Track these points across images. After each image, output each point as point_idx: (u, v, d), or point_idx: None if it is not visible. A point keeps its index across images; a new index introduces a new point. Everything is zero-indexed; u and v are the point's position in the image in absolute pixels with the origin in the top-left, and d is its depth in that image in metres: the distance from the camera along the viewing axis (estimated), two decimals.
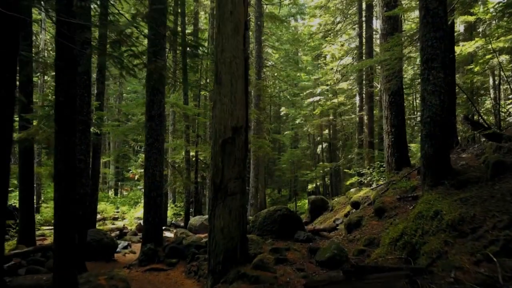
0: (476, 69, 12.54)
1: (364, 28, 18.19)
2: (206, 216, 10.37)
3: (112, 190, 32.72)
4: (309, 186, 31.02)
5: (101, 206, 24.20)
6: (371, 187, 9.25)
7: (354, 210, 8.69)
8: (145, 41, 8.76)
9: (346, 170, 19.34)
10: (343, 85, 22.47)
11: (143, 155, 11.21)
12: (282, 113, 35.11)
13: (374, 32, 18.30)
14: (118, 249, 12.46)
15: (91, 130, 7.71)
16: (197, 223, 13.25)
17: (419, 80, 18.22)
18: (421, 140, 4.28)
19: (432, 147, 4.11)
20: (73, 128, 4.93)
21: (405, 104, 11.47)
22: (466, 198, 3.46)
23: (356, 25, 19.16)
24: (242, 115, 4.44)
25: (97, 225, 19.83)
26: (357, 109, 18.67)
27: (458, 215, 3.16)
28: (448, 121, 4.18)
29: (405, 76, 14.36)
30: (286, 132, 33.41)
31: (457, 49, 10.39)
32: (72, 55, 4.40)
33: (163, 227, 17.57)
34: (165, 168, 13.58)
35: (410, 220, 3.67)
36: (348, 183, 15.77)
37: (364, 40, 18.05)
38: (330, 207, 10.70)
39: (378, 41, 20.61)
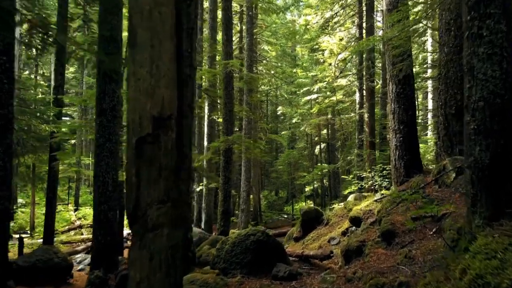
0: None
1: (364, 18, 16.63)
2: None
3: None
4: (307, 188, 29.43)
5: (82, 211, 22.60)
6: (375, 199, 7.51)
7: (354, 227, 6.95)
8: None
9: (344, 176, 17.64)
10: (342, 81, 20.95)
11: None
12: (279, 112, 33.48)
13: (375, 23, 16.76)
14: (82, 266, 11.05)
15: (15, 127, 6.02)
16: None
17: (421, 77, 16.16)
18: (466, 139, 2.56)
19: (488, 151, 2.38)
20: None
21: None
22: None
23: (356, 15, 17.57)
24: (171, 98, 2.59)
25: (72, 234, 18.27)
26: (357, 106, 17.05)
27: None
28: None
29: None
30: (283, 132, 31.81)
31: None
32: None
33: None
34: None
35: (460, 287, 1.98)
36: (346, 192, 14.06)
37: (364, 32, 16.47)
38: (325, 220, 8.97)
39: (380, 33, 19.06)
